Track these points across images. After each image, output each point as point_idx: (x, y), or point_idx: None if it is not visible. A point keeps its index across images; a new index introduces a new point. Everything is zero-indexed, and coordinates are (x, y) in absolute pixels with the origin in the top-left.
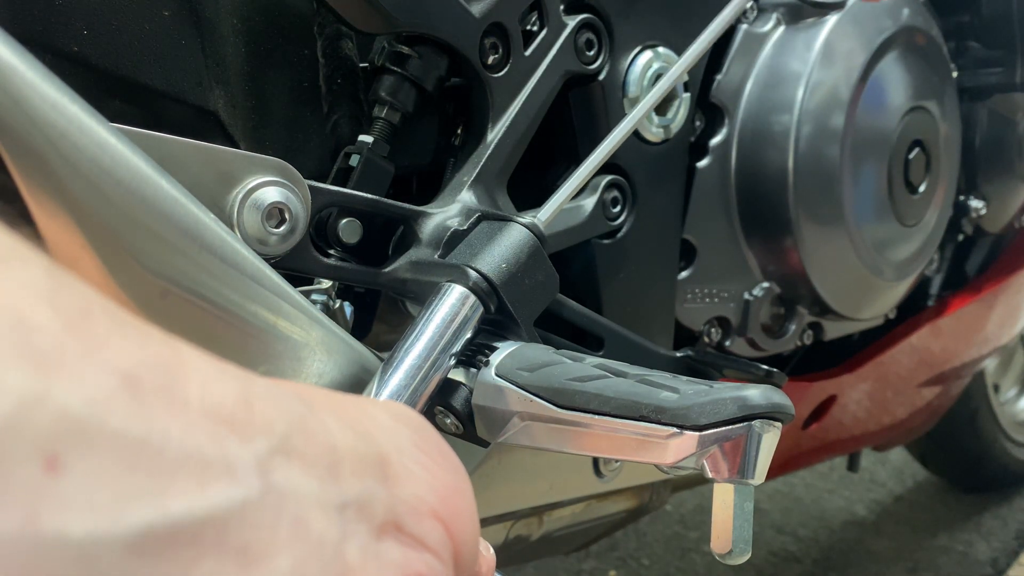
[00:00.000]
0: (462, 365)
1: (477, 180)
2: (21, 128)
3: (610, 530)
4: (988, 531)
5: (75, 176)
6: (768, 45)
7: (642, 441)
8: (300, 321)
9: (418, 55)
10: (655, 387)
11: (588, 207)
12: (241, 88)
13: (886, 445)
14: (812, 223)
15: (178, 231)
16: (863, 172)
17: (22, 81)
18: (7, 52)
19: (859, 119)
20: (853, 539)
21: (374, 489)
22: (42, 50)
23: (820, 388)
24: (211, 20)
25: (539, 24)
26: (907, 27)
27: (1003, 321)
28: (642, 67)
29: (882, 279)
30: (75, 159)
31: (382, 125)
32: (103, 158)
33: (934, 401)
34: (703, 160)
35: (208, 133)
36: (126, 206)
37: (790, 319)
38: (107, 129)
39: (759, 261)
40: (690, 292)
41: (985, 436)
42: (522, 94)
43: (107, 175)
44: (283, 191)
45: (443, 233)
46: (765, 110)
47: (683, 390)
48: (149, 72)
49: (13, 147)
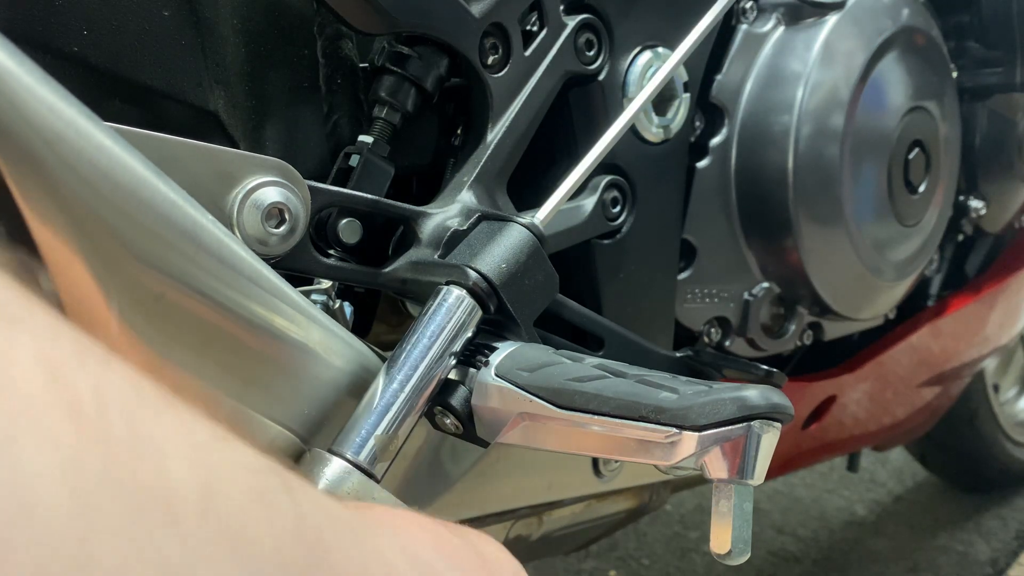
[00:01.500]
0: (462, 365)
1: (477, 180)
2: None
3: (610, 530)
4: (988, 531)
5: (72, 178)
6: (768, 45)
7: (641, 441)
8: (300, 321)
9: (418, 55)
10: (654, 387)
11: (588, 207)
12: (241, 88)
13: (886, 445)
14: (812, 223)
15: (177, 232)
16: (863, 172)
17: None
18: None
19: (859, 119)
20: (853, 539)
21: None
22: (41, 50)
23: (820, 388)
24: (211, 20)
25: (539, 24)
26: (907, 27)
27: (1003, 321)
28: (642, 67)
29: (882, 279)
30: (72, 161)
31: (382, 125)
32: (101, 159)
33: (934, 401)
34: (703, 160)
35: (208, 133)
36: (124, 207)
37: (790, 319)
38: (104, 131)
39: (759, 261)
40: (690, 292)
41: (985, 436)
42: (522, 94)
43: (105, 177)
44: (283, 191)
45: (443, 233)
46: (765, 110)
47: (682, 390)
48: (149, 72)
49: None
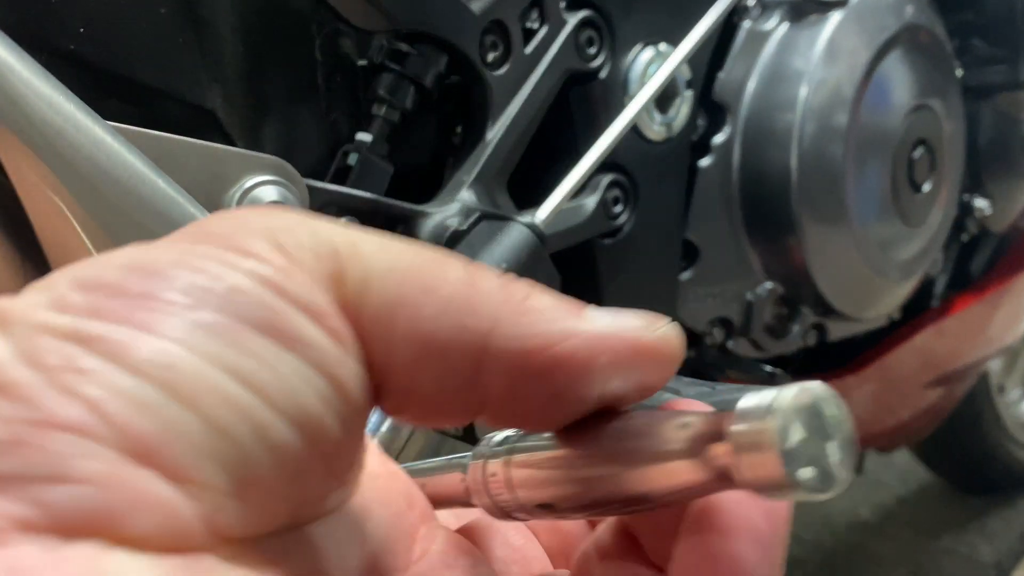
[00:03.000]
0: None
1: (477, 179)
2: (18, 127)
3: None
4: (992, 533)
5: (72, 175)
6: (771, 43)
7: None
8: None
9: (417, 53)
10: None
11: (589, 206)
12: (239, 86)
13: (890, 447)
14: (815, 222)
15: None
16: (867, 171)
17: (18, 80)
18: (3, 51)
19: (863, 117)
20: (856, 542)
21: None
22: (39, 49)
23: None
24: (209, 18)
25: (540, 21)
26: (911, 25)
27: (1008, 321)
28: (644, 65)
29: (886, 279)
30: (71, 158)
31: (381, 124)
32: (100, 157)
33: (938, 402)
34: (705, 159)
35: (206, 132)
36: (123, 205)
37: (793, 320)
38: (104, 128)
39: (762, 261)
40: (692, 292)
41: (990, 438)
42: (522, 92)
43: (104, 174)
44: (281, 190)
45: (443, 232)
46: (768, 108)
47: (684, 391)
48: (146, 70)
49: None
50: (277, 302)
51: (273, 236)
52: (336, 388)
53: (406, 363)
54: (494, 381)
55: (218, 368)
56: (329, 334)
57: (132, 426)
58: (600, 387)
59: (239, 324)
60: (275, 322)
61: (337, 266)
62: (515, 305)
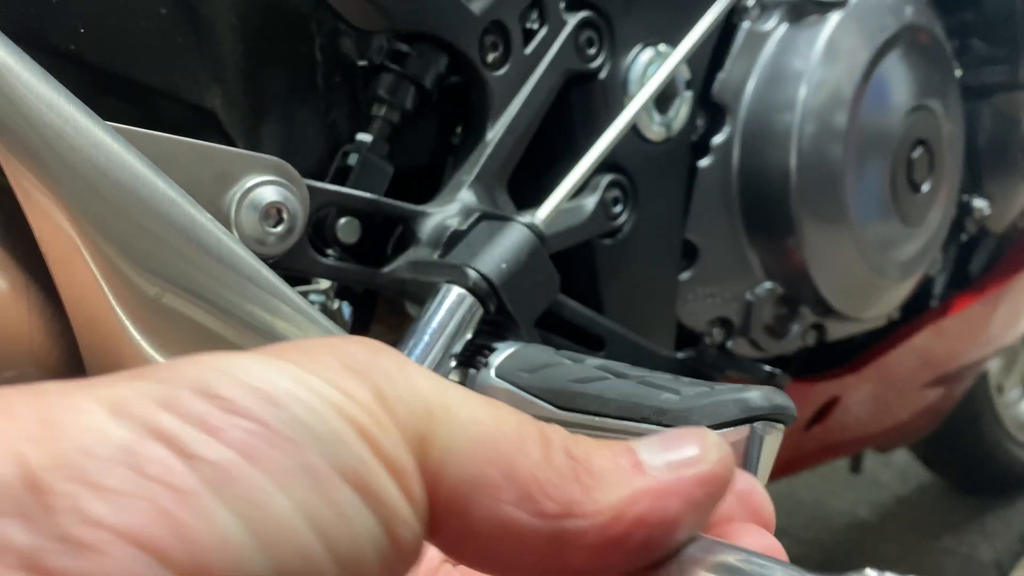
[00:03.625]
0: (461, 366)
1: (477, 179)
2: (16, 127)
3: None
4: (991, 533)
5: (71, 176)
6: (770, 43)
7: None
8: (298, 321)
9: (417, 53)
10: (656, 388)
11: (589, 206)
12: (239, 86)
13: (889, 446)
14: (815, 222)
15: (175, 231)
16: (866, 171)
17: (17, 80)
18: (3, 52)
19: (862, 118)
20: (856, 541)
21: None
22: (38, 48)
23: (823, 389)
24: (208, 18)
25: (539, 22)
26: (910, 25)
27: (1007, 321)
28: (643, 65)
29: (885, 279)
30: (71, 158)
31: (381, 124)
32: (99, 157)
33: (937, 402)
34: (705, 159)
35: (205, 132)
36: (122, 206)
37: (793, 320)
38: (103, 128)
39: (761, 261)
40: (692, 292)
41: (989, 438)
42: (522, 92)
43: (103, 175)
44: (281, 190)
45: (442, 233)
46: (767, 108)
47: (684, 392)
48: (146, 70)
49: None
50: (369, 457)
51: (373, 381)
52: (395, 546)
53: (482, 541)
54: (575, 555)
55: (302, 515)
56: (406, 495)
57: (208, 558)
58: (680, 531)
59: (333, 472)
60: (364, 477)
61: (427, 429)
62: (584, 479)
